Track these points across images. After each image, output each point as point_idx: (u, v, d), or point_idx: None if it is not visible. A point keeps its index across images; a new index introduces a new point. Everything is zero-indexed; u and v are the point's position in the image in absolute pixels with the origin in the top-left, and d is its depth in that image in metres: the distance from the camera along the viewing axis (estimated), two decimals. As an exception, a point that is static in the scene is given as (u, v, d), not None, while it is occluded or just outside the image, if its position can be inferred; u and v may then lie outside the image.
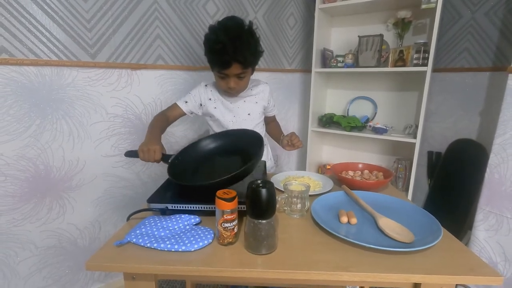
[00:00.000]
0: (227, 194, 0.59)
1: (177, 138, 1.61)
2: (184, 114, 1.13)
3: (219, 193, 0.59)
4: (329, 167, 2.09)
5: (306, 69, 2.17)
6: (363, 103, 2.01)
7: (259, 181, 0.59)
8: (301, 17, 2.07)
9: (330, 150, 2.26)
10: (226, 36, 0.93)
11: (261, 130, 1.24)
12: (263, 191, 0.56)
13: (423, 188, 1.93)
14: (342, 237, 0.61)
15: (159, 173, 1.55)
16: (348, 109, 2.06)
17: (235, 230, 0.61)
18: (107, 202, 1.40)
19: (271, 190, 0.57)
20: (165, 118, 1.09)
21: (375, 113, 1.97)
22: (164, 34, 1.44)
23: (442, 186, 1.79)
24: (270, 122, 1.33)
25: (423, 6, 1.47)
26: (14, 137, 1.11)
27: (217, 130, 1.17)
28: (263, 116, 1.25)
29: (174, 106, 1.12)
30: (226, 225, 0.59)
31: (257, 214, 0.57)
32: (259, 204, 0.56)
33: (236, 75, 1.01)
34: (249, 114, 1.16)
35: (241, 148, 0.88)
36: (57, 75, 1.17)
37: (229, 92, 1.07)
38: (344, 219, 0.69)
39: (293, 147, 1.11)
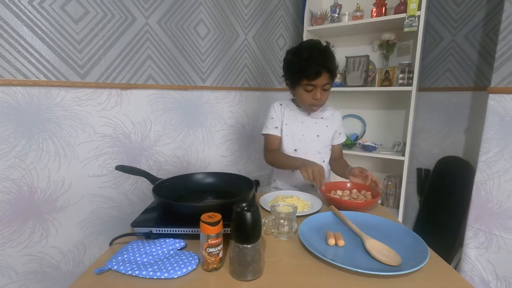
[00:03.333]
0: (212, 218, 0.58)
1: (166, 157, 1.59)
2: (280, 138, 1.17)
3: (204, 216, 0.58)
4: (320, 184, 2.08)
5: (296, 87, 2.21)
6: (352, 121, 2.04)
7: (243, 204, 0.58)
8: (290, 38, 2.13)
9: (321, 167, 2.26)
10: (312, 49, 0.99)
11: (327, 154, 1.21)
12: (248, 215, 0.55)
13: (414, 204, 1.93)
14: (329, 261, 0.60)
15: (147, 192, 1.52)
16: (338, 127, 2.09)
17: (220, 255, 0.59)
18: (93, 223, 1.36)
19: (256, 214, 0.56)
20: (278, 150, 1.16)
21: (364, 131, 2.00)
22: (155, 54, 1.46)
23: (432, 203, 1.80)
24: (338, 158, 1.27)
25: (406, 29, 1.54)
26: (-2, 158, 1.08)
27: (283, 148, 1.17)
28: (331, 142, 1.23)
29: (270, 137, 1.17)
30: (210, 250, 0.58)
31: (242, 239, 0.56)
32: (244, 229, 0.56)
33: (322, 86, 1.03)
34: (318, 135, 1.17)
35: (232, 191, 0.88)
36: (45, 95, 1.17)
37: (313, 105, 1.08)
38: (332, 241, 0.68)
39: (371, 182, 0.98)
